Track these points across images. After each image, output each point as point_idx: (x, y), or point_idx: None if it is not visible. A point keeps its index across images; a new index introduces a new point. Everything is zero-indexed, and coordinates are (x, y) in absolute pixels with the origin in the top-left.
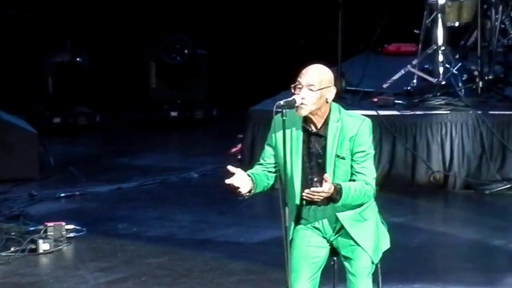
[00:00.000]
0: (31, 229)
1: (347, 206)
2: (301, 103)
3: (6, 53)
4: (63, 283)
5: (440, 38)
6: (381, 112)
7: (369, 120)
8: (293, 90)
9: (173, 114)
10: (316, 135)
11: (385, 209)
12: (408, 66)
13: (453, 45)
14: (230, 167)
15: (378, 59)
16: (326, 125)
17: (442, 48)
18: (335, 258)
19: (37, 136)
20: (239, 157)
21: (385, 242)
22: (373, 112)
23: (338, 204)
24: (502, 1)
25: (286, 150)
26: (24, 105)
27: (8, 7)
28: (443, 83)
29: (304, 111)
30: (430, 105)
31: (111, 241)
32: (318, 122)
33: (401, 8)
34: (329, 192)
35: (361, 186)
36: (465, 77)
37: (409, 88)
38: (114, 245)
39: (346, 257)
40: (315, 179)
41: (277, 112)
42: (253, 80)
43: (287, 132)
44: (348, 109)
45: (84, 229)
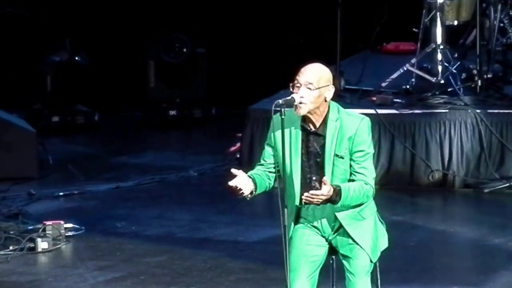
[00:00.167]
0: (29, 227)
1: (346, 206)
2: (299, 102)
3: (5, 52)
4: (61, 281)
5: (439, 37)
6: (380, 111)
7: (368, 119)
8: (291, 89)
9: (172, 113)
10: (314, 134)
11: (384, 208)
12: (407, 65)
13: (452, 44)
14: (233, 170)
15: (377, 58)
16: (325, 124)
17: (441, 47)
18: (333, 256)
19: (36, 135)
20: (238, 156)
21: (384, 241)
22: (372, 111)
23: (337, 206)
24: (501, 0)
25: (285, 149)
26: (23, 104)
27: (8, 6)
28: (442, 82)
29: (303, 110)
30: (429, 104)
31: (109, 240)
32: (317, 121)
33: (400, 7)
34: (328, 194)
35: (360, 186)
36: (464, 76)
37: (408, 87)
38: (112, 244)
39: (344, 256)
40: (314, 178)
41: (275, 111)
42: (252, 79)
43: (286, 131)
44: (347, 108)
45: (83, 227)
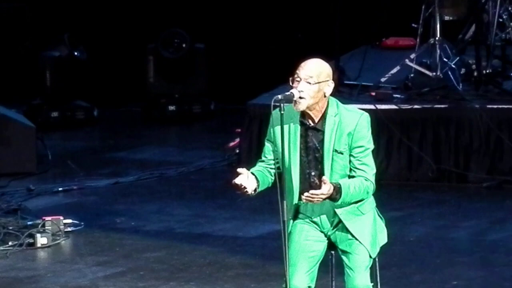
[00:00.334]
0: (29, 223)
1: (346, 203)
2: (299, 97)
3: (4, 46)
4: (61, 277)
5: (438, 32)
6: (379, 106)
7: (368, 115)
8: (291, 83)
9: (171, 108)
10: (313, 129)
11: (383, 203)
12: (406, 60)
13: (451, 39)
14: (239, 169)
15: (376, 53)
16: (324, 120)
17: (440, 42)
18: (333, 252)
19: (35, 130)
20: (237, 151)
21: (383, 237)
22: (371, 106)
23: (337, 203)
24: None
25: (283, 144)
26: (22, 99)
27: (8, 0)
28: (441, 77)
29: (302, 105)
30: (428, 99)
31: (109, 235)
32: (316, 116)
33: (399, 2)
34: (328, 193)
35: (361, 183)
36: (463, 71)
37: (407, 82)
38: (112, 239)
39: (344, 251)
40: (313, 173)
41: (275, 107)
42: (251, 74)
43: (285, 126)
44: (346, 103)
45: (82, 223)
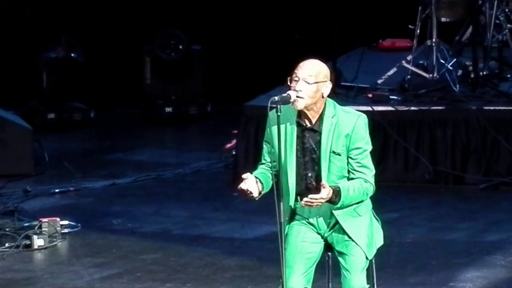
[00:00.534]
0: (25, 224)
1: (346, 206)
2: (296, 96)
3: (3, 47)
4: (57, 279)
5: (434, 34)
6: (376, 108)
7: (365, 116)
8: (289, 83)
9: (168, 109)
10: (310, 130)
11: (379, 205)
12: (403, 62)
13: (448, 41)
14: (243, 175)
15: (373, 55)
16: (321, 121)
17: (437, 44)
18: (329, 253)
19: (31, 132)
20: (234, 152)
21: (379, 238)
22: (368, 108)
23: (337, 206)
24: None
25: (280, 145)
26: (19, 101)
27: (6, 2)
28: (438, 78)
29: (300, 104)
30: (425, 101)
31: (105, 236)
32: (313, 117)
33: (396, 4)
34: (327, 197)
35: (360, 185)
36: (460, 72)
37: (403, 83)
38: (108, 240)
39: (340, 252)
40: (309, 174)
41: (271, 108)
42: (248, 75)
43: (281, 127)
44: (343, 105)
45: (79, 224)
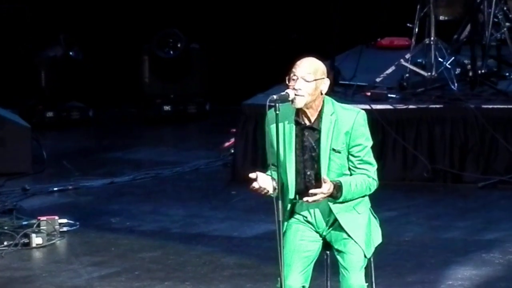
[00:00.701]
0: (24, 223)
1: (348, 201)
2: (295, 94)
3: (3, 47)
4: (56, 277)
5: (433, 32)
6: (374, 106)
7: (364, 112)
8: (287, 82)
9: (166, 108)
10: (309, 129)
11: (377, 203)
12: (401, 60)
13: (446, 39)
14: (251, 174)
15: (372, 53)
16: (320, 119)
17: (435, 42)
18: (328, 252)
19: (30, 130)
20: (232, 151)
21: (378, 237)
22: (366, 106)
23: (339, 201)
24: None
25: (279, 144)
26: (17, 99)
27: (6, 1)
28: (436, 77)
29: (300, 102)
30: (423, 99)
31: (104, 235)
32: (312, 115)
33: (395, 2)
34: (328, 192)
35: (363, 179)
36: (458, 71)
37: (402, 82)
38: (107, 239)
39: (339, 250)
40: (309, 172)
41: (270, 107)
42: (246, 74)
43: (280, 125)
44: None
45: (77, 223)
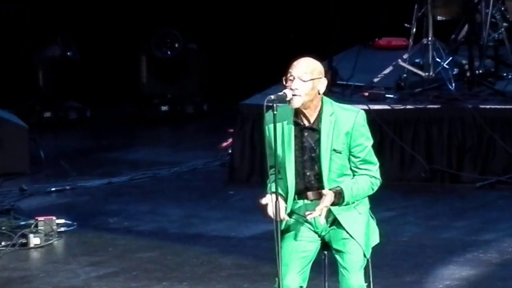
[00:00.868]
0: (21, 223)
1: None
2: (293, 94)
3: (3, 47)
4: (53, 277)
5: (430, 32)
6: (372, 106)
7: (363, 112)
8: (284, 82)
9: (164, 108)
10: (309, 129)
11: (375, 203)
12: (399, 60)
13: (443, 39)
14: (263, 200)
15: (369, 53)
16: (319, 119)
17: (433, 42)
18: (326, 252)
19: (27, 131)
20: (230, 151)
21: (375, 237)
22: (364, 106)
23: (343, 205)
24: None
25: (277, 145)
26: (15, 100)
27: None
28: (434, 77)
29: (297, 102)
30: (421, 99)
31: (102, 235)
32: (311, 116)
33: (392, 2)
34: (330, 203)
35: (365, 180)
36: (455, 71)
37: (400, 82)
38: (105, 239)
39: (338, 250)
40: (308, 173)
41: (268, 107)
42: (244, 74)
43: (278, 126)
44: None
45: (75, 223)
